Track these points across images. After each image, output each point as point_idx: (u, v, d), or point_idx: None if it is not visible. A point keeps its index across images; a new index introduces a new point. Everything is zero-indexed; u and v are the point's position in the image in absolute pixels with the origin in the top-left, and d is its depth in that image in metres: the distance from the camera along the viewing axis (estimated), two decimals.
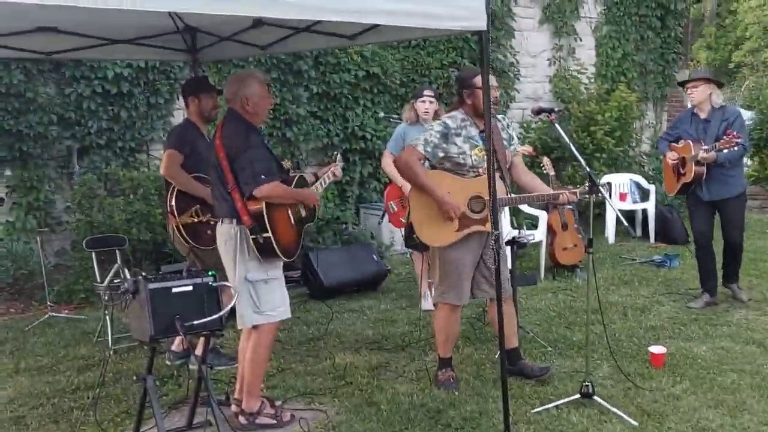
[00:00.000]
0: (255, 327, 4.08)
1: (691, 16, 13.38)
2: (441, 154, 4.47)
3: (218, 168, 4.00)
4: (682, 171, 6.25)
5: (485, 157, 4.48)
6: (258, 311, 4.03)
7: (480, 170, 4.47)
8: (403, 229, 6.67)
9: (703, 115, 6.22)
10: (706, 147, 5.98)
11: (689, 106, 6.49)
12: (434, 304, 4.86)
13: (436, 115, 6.35)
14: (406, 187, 6.20)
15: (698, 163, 6.06)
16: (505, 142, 4.69)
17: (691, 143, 6.16)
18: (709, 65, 31.17)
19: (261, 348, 4.12)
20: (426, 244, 6.53)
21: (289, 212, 4.14)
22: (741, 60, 30.29)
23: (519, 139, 7.36)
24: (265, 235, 3.90)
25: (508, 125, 4.86)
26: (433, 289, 6.46)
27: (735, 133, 5.87)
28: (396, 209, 6.44)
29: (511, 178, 4.79)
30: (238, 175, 3.92)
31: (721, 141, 5.90)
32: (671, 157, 6.28)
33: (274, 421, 4.14)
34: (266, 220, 3.90)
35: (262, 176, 3.87)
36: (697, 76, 6.36)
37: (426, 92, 6.33)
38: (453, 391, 4.58)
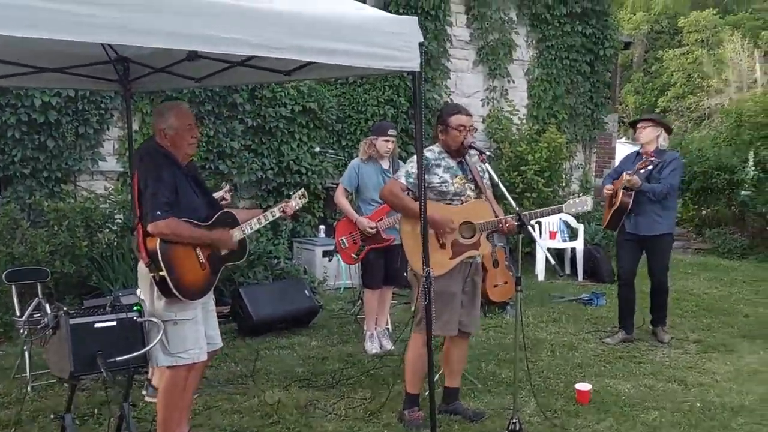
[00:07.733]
0: (168, 367, 3.93)
1: (619, 62, 13.88)
2: None
3: (133, 200, 3.88)
4: (613, 201, 6.42)
5: (466, 185, 4.55)
6: (167, 352, 3.83)
7: (463, 198, 4.52)
8: (358, 266, 6.55)
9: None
10: (629, 171, 6.15)
11: (639, 145, 6.60)
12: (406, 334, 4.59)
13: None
14: (362, 222, 6.12)
15: (626, 192, 6.21)
16: (480, 173, 4.67)
17: (624, 174, 6.30)
18: (637, 109, 32.39)
19: (172, 390, 3.95)
20: (394, 280, 6.41)
21: (198, 250, 3.89)
22: (666, 105, 31.59)
23: None
24: (160, 273, 3.70)
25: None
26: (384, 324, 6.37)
27: (651, 151, 6.13)
28: (347, 245, 6.22)
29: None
30: (142, 208, 3.80)
31: (639, 163, 6.11)
32: (607, 188, 6.47)
33: None
34: (160, 257, 3.68)
35: (158, 212, 3.67)
36: (648, 116, 6.57)
37: (390, 131, 6.22)
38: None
